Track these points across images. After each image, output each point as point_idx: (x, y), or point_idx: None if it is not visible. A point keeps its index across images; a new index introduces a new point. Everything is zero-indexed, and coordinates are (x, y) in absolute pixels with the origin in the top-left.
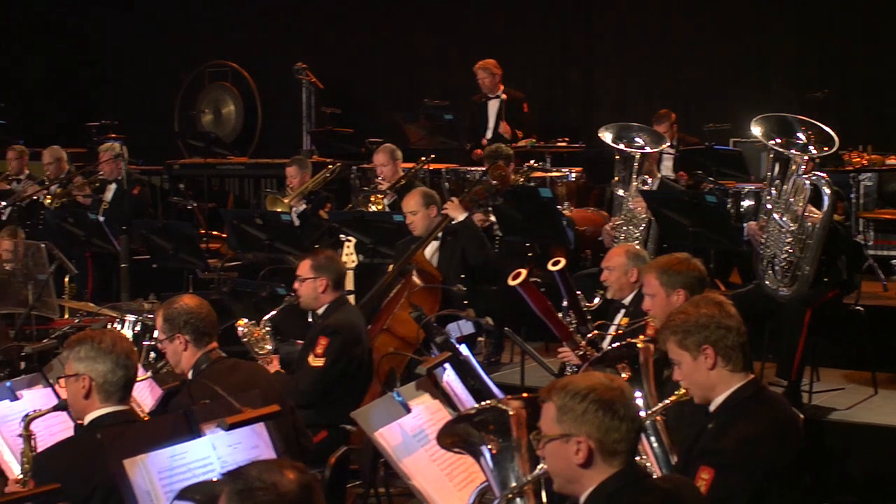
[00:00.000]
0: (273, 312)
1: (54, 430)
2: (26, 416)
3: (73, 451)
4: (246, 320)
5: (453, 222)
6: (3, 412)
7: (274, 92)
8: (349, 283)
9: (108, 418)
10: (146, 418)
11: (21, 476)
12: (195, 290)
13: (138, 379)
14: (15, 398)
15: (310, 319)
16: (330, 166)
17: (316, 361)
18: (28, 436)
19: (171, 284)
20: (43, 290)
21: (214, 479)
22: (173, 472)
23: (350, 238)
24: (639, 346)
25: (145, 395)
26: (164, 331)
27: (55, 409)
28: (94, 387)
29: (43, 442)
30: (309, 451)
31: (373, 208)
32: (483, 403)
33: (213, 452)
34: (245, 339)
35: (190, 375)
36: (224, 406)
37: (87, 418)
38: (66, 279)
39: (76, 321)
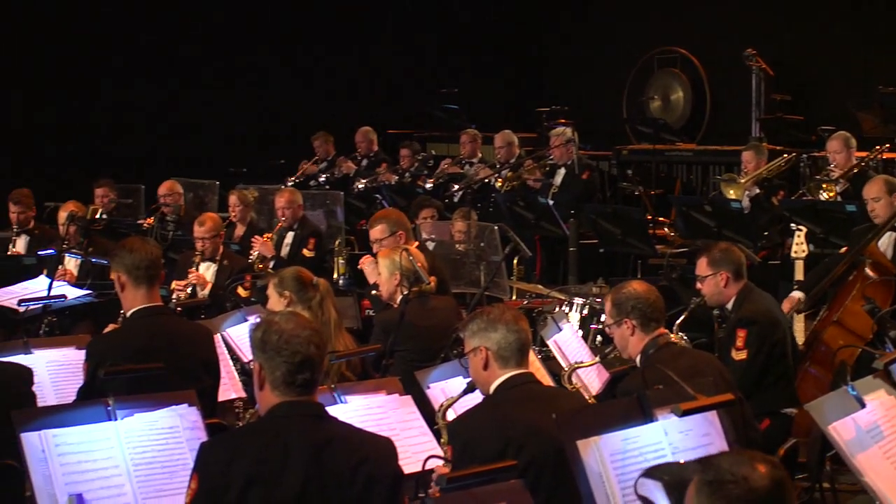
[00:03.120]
0: (682, 317)
1: None
2: (440, 405)
3: (480, 414)
4: None
5: None
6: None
7: (722, 78)
8: (798, 273)
9: (510, 381)
10: (592, 401)
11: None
12: (643, 276)
13: (584, 364)
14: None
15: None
16: (786, 155)
17: (739, 355)
18: (445, 425)
19: (618, 269)
20: (496, 271)
21: (683, 462)
22: (625, 456)
23: (801, 227)
24: None
25: (592, 378)
26: (611, 315)
27: (465, 392)
28: (490, 356)
29: None
30: (757, 444)
31: (823, 196)
32: None
33: (665, 438)
34: None
35: (637, 361)
36: (676, 392)
37: (492, 388)
38: (515, 261)
39: (525, 302)
